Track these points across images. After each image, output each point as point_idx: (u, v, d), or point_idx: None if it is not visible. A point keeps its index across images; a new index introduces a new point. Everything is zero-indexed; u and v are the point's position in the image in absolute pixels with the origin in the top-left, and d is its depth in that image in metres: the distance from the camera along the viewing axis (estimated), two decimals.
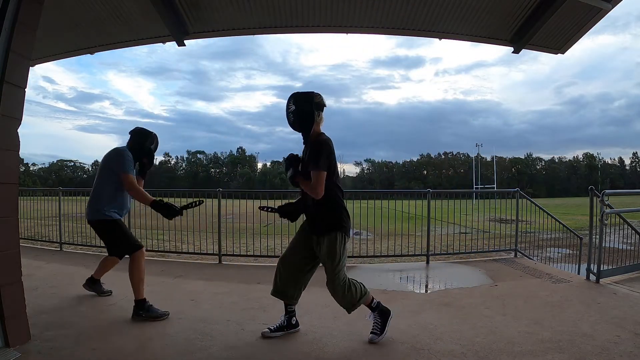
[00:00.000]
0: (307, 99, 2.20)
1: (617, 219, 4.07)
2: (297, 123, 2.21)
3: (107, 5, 3.61)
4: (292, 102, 2.20)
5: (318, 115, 2.21)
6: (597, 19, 3.68)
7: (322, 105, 2.24)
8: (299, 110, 2.18)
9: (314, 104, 2.20)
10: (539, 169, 76.32)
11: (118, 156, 2.67)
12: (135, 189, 2.63)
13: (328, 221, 2.20)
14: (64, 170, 72.32)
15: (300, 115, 2.19)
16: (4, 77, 1.95)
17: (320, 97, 2.23)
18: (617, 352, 2.01)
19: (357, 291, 2.22)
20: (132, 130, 2.86)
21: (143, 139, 2.81)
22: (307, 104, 2.19)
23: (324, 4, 3.70)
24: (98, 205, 2.65)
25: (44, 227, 6.04)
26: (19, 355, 1.93)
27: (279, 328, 2.32)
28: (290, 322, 2.35)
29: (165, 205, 2.57)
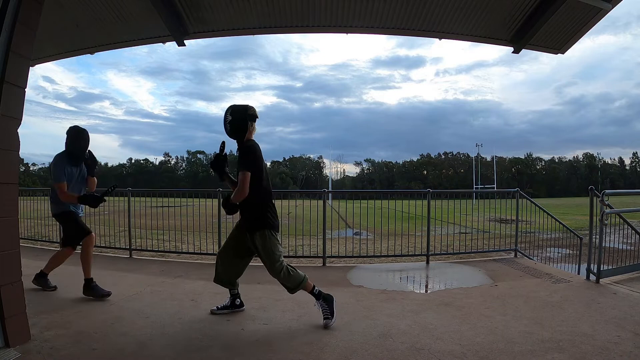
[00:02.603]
0: (242, 110, 2.50)
1: (617, 219, 4.07)
2: (232, 131, 2.50)
3: (107, 5, 3.61)
4: (229, 114, 2.49)
5: (251, 124, 2.52)
6: (597, 19, 3.67)
7: (255, 116, 2.54)
8: (235, 120, 2.47)
9: (248, 115, 2.50)
10: (539, 169, 76.36)
11: (51, 166, 3.04)
12: (62, 194, 2.95)
13: (256, 220, 2.49)
14: None
15: (235, 125, 2.47)
16: (4, 77, 1.95)
17: (253, 110, 2.54)
18: (617, 352, 2.01)
19: (297, 277, 2.52)
20: (67, 130, 3.10)
21: (72, 138, 3.05)
22: (242, 115, 2.49)
23: (324, 4, 3.70)
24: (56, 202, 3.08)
25: (44, 227, 6.04)
26: (19, 355, 1.93)
27: (225, 307, 2.71)
28: (234, 302, 2.73)
29: (87, 197, 3.00)
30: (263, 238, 2.46)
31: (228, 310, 2.69)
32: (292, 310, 2.79)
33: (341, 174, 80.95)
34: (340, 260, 4.81)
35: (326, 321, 2.46)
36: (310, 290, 2.56)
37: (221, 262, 2.65)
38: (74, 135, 3.06)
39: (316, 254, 4.78)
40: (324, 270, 4.22)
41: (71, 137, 3.06)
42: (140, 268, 4.18)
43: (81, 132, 3.10)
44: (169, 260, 4.82)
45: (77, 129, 3.11)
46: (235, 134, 2.51)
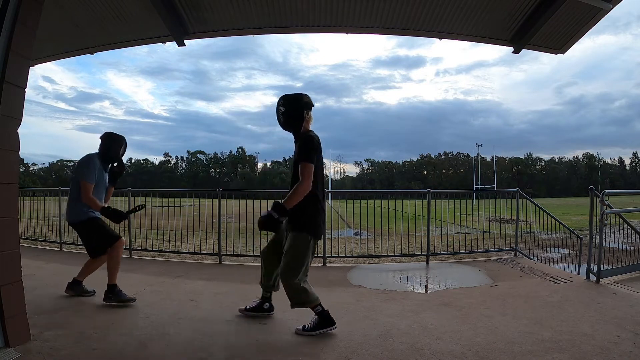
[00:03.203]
0: (297, 99, 2.33)
1: (617, 219, 4.07)
2: (287, 123, 2.34)
3: (107, 5, 3.61)
4: (282, 104, 2.33)
5: (307, 114, 2.33)
6: (597, 19, 3.67)
7: (311, 104, 2.36)
8: (289, 110, 2.31)
9: (303, 103, 2.32)
10: (539, 169, 76.34)
11: (81, 163, 2.87)
12: (86, 195, 2.77)
13: (301, 218, 2.26)
14: (64, 170, 72.23)
15: (290, 116, 2.31)
16: (4, 77, 1.95)
17: (308, 97, 2.36)
18: (617, 352, 2.01)
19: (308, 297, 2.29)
20: (102, 135, 3.00)
21: (110, 143, 2.96)
22: (296, 104, 2.31)
23: (324, 4, 3.70)
24: (76, 208, 2.85)
25: (44, 227, 6.04)
26: (19, 355, 1.93)
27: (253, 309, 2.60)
28: (263, 307, 2.61)
29: (112, 211, 2.82)
30: (300, 240, 2.25)
31: (256, 313, 2.60)
32: (292, 310, 2.77)
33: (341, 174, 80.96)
34: (340, 260, 4.81)
35: (299, 329, 2.33)
36: (313, 307, 2.36)
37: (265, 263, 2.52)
38: (112, 139, 2.97)
39: (316, 254, 4.77)
40: (324, 270, 4.22)
41: (108, 141, 2.96)
42: (140, 268, 4.18)
43: (119, 137, 3.02)
44: (169, 260, 4.82)
45: (114, 134, 3.02)
46: (291, 125, 2.35)
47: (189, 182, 69.30)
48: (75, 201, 2.85)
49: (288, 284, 2.26)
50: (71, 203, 2.88)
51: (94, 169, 2.83)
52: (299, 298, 2.28)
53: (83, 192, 2.78)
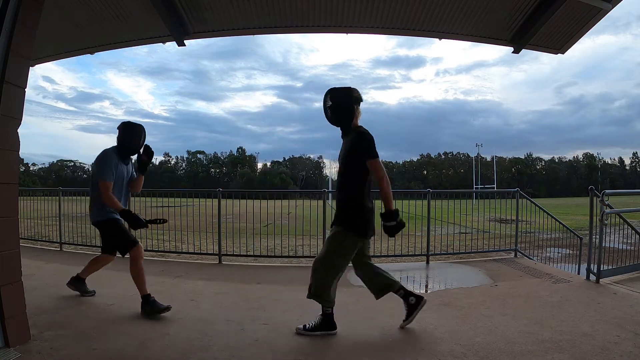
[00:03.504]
0: (346, 93, 2.25)
1: (617, 219, 4.07)
2: (337, 118, 2.27)
3: (107, 5, 3.61)
4: (330, 98, 2.26)
5: (357, 109, 2.28)
6: (597, 19, 3.67)
7: (360, 99, 2.29)
8: (339, 105, 2.23)
9: (353, 98, 2.25)
10: (539, 169, 76.32)
11: (97, 161, 2.73)
12: (106, 195, 2.64)
13: (349, 218, 2.24)
14: (64, 170, 72.33)
15: (340, 110, 2.24)
16: (4, 77, 1.95)
17: (358, 92, 2.29)
18: (617, 352, 2.01)
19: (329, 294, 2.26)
20: (119, 125, 2.84)
21: (129, 135, 2.80)
22: (347, 98, 2.24)
23: (324, 4, 3.70)
24: (98, 207, 2.74)
25: (44, 227, 6.04)
26: (19, 355, 1.93)
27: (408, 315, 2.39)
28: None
29: (132, 216, 2.66)
30: (344, 238, 2.22)
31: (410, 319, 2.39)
32: (292, 310, 2.78)
33: None
34: None
35: (299, 328, 2.31)
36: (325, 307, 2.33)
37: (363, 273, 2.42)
38: (129, 130, 2.81)
39: (316, 254, 4.76)
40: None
41: (126, 132, 2.80)
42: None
43: (137, 127, 2.84)
44: (169, 260, 4.82)
45: (132, 123, 2.84)
46: (340, 121, 2.28)
47: (189, 182, 69.27)
48: (95, 201, 2.75)
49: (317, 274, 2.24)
50: (92, 203, 2.78)
51: (111, 166, 2.69)
52: (320, 291, 2.25)
53: (102, 192, 2.64)
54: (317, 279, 2.25)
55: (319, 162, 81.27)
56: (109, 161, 2.70)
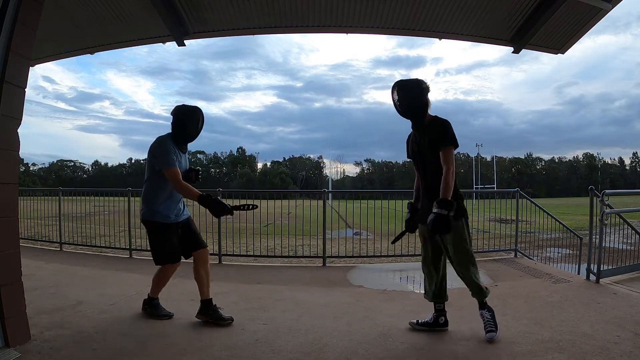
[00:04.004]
0: (418, 85, 2.22)
1: (617, 219, 4.07)
2: (411, 110, 2.22)
3: (107, 5, 3.61)
4: (400, 91, 2.22)
5: (428, 99, 2.24)
6: (597, 19, 3.67)
7: (429, 89, 2.25)
8: (413, 97, 2.20)
9: (424, 89, 2.22)
10: (539, 169, 76.30)
11: (153, 149, 2.40)
12: (178, 183, 2.32)
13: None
14: (64, 170, 72.37)
15: (415, 102, 2.21)
16: (4, 77, 1.95)
17: (426, 82, 2.25)
18: (617, 352, 2.01)
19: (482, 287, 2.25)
20: (173, 110, 2.52)
21: (185, 119, 2.46)
22: (420, 90, 2.21)
23: (324, 4, 3.70)
24: (149, 205, 2.43)
25: (44, 227, 6.04)
26: (19, 355, 1.93)
27: (425, 324, 2.36)
28: (438, 321, 2.36)
29: (214, 201, 2.27)
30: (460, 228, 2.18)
31: (427, 328, 2.35)
32: (292, 310, 2.78)
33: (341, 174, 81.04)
34: (340, 260, 4.81)
35: (491, 334, 2.19)
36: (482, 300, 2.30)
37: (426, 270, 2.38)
38: (184, 113, 2.47)
39: (316, 254, 4.78)
40: (324, 270, 4.22)
41: (180, 116, 2.46)
42: (140, 268, 4.18)
43: (195, 110, 2.50)
44: None
45: (187, 106, 2.51)
46: (415, 113, 2.22)
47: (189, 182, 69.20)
48: (147, 197, 2.43)
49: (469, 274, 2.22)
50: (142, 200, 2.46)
51: (171, 152, 2.36)
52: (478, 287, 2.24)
53: (173, 181, 2.31)
54: (468, 279, 2.23)
55: (319, 162, 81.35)
56: (168, 147, 2.38)
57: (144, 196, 2.47)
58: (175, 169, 2.33)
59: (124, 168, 77.63)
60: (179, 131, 2.47)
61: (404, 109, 2.23)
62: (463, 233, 2.21)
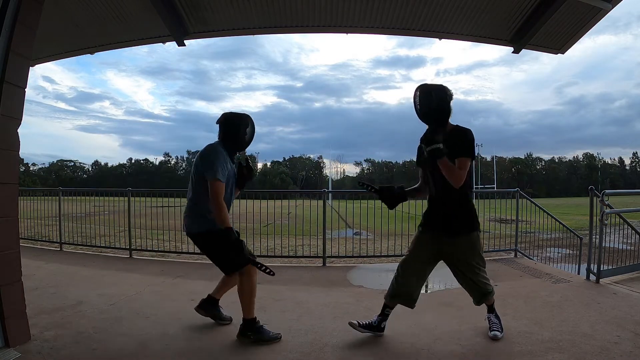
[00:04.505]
0: (443, 90, 2.16)
1: (617, 219, 4.06)
2: (432, 115, 2.14)
3: (107, 5, 3.61)
4: (423, 96, 2.16)
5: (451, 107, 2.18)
6: (597, 19, 3.67)
7: (452, 96, 2.20)
8: (436, 102, 2.13)
9: (448, 96, 2.16)
10: (539, 169, 76.37)
11: (206, 156, 2.21)
12: (217, 200, 2.08)
13: (466, 220, 2.15)
14: (64, 170, 72.42)
15: (438, 107, 2.14)
16: (4, 77, 1.95)
17: (451, 91, 2.20)
18: (617, 352, 2.01)
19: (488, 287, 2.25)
20: (220, 118, 2.33)
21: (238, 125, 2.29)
22: (443, 95, 2.15)
23: (324, 4, 3.70)
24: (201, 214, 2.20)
25: (44, 227, 6.04)
26: (19, 355, 1.93)
27: (368, 326, 2.29)
28: (381, 325, 2.31)
29: (236, 242, 2.06)
30: (477, 240, 2.17)
31: (370, 332, 2.28)
32: (292, 310, 2.79)
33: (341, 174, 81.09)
34: (340, 260, 4.81)
35: (496, 332, 2.24)
36: (491, 304, 2.35)
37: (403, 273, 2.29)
38: (235, 121, 2.28)
39: (316, 254, 4.78)
40: (324, 270, 4.22)
41: (231, 123, 2.28)
42: (140, 268, 4.18)
43: (243, 116, 2.31)
44: (169, 260, 4.82)
45: (237, 113, 2.32)
46: (436, 118, 2.13)
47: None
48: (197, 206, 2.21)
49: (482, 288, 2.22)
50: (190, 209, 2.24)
51: (222, 162, 2.16)
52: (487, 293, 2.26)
53: (214, 194, 2.07)
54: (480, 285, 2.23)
55: (319, 162, 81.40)
56: (220, 156, 2.17)
57: (194, 207, 2.23)
58: (222, 183, 2.11)
59: (124, 168, 77.66)
60: (230, 139, 2.28)
61: (423, 113, 2.16)
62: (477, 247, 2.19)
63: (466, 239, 2.16)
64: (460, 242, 2.16)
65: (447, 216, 2.16)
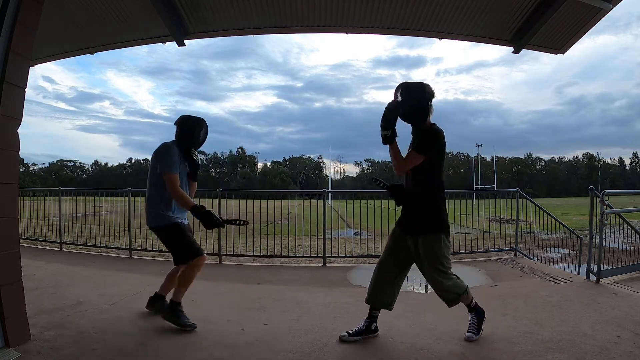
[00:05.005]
0: (419, 88, 2.15)
1: (617, 219, 4.07)
2: (410, 114, 2.14)
3: (107, 5, 3.61)
4: (401, 93, 2.15)
5: (430, 105, 2.17)
6: (597, 19, 3.67)
7: (433, 94, 2.18)
8: (414, 101, 2.12)
9: (427, 94, 2.14)
10: (539, 169, 76.33)
11: (158, 153, 2.43)
12: (175, 189, 2.33)
13: (429, 221, 2.11)
14: (64, 170, 72.38)
15: (415, 107, 2.13)
16: (4, 77, 1.95)
17: (431, 87, 2.18)
18: (617, 352, 2.01)
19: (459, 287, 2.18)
20: (177, 120, 2.58)
21: (191, 127, 2.52)
22: (421, 94, 2.14)
23: (324, 4, 3.70)
24: (156, 210, 2.43)
25: (44, 227, 6.04)
26: (19, 355, 1.93)
27: (358, 332, 2.26)
28: (370, 327, 2.29)
29: (206, 213, 2.33)
30: (436, 242, 2.10)
31: (361, 337, 2.25)
32: (292, 310, 2.79)
33: (341, 174, 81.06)
34: (340, 260, 4.81)
35: (469, 334, 2.20)
36: (468, 303, 2.25)
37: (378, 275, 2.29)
38: (193, 123, 2.53)
39: (316, 254, 4.78)
40: (324, 270, 4.22)
41: (189, 125, 2.52)
42: (140, 268, 4.18)
43: (201, 121, 2.57)
44: (169, 260, 4.79)
45: (196, 117, 2.56)
46: (414, 117, 2.15)
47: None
48: (153, 202, 2.43)
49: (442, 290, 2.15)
50: (148, 205, 2.45)
51: (176, 158, 2.39)
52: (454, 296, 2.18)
53: (170, 185, 2.32)
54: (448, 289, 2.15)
55: (319, 162, 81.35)
56: (173, 152, 2.41)
57: (151, 200, 2.45)
58: (175, 175, 2.35)
59: (124, 168, 77.64)
60: (184, 139, 2.51)
61: (404, 112, 2.15)
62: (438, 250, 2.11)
63: (426, 239, 2.11)
64: (421, 242, 2.13)
65: (411, 214, 2.18)
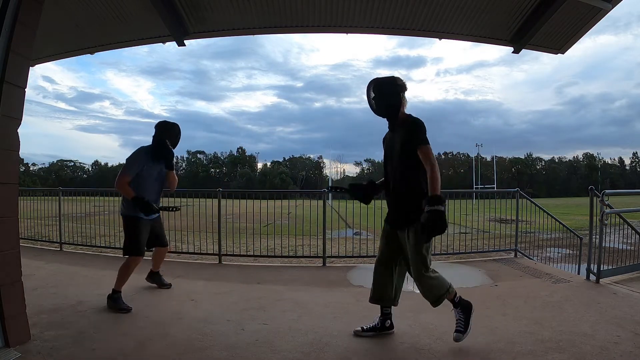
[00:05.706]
0: (391, 83, 2.16)
1: (617, 219, 4.07)
2: (383, 108, 2.17)
3: (107, 5, 3.61)
4: (373, 89, 2.17)
5: (403, 97, 2.18)
6: (597, 19, 3.67)
7: (405, 87, 2.20)
8: (386, 95, 2.14)
9: (398, 86, 2.16)
10: (539, 169, 76.30)
11: (128, 157, 2.86)
12: (119, 182, 2.78)
13: (413, 214, 2.08)
14: (64, 170, 72.39)
15: (387, 100, 2.15)
16: (4, 77, 1.95)
17: (402, 80, 2.20)
18: (617, 352, 2.01)
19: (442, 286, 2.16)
20: (156, 124, 2.98)
21: (163, 133, 2.93)
22: (393, 88, 2.15)
23: (324, 4, 3.70)
24: (126, 201, 2.86)
25: (44, 227, 6.04)
26: (19, 355, 1.93)
27: (372, 329, 2.29)
28: (384, 324, 2.30)
29: (144, 202, 2.77)
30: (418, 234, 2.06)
31: (374, 333, 2.28)
32: (292, 310, 2.79)
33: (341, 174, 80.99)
34: (340, 260, 4.81)
35: (457, 334, 2.12)
36: (452, 298, 2.20)
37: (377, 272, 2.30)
38: (165, 130, 2.95)
39: (316, 254, 4.78)
40: (324, 270, 4.22)
41: (162, 132, 2.94)
42: (140, 268, 4.17)
43: (173, 127, 2.99)
44: (169, 260, 4.81)
45: (169, 123, 2.99)
46: (388, 111, 2.17)
47: (189, 182, 69.20)
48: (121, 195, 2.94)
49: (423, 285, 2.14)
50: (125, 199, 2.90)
51: (138, 164, 2.81)
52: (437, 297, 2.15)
53: (117, 179, 2.78)
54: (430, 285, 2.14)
55: (319, 162, 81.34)
56: (136, 158, 2.82)
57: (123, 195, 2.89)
58: (126, 177, 2.78)
59: None
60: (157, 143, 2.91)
61: (377, 107, 2.17)
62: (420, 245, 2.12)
63: (409, 233, 2.11)
64: (404, 235, 2.14)
65: (396, 208, 2.23)
